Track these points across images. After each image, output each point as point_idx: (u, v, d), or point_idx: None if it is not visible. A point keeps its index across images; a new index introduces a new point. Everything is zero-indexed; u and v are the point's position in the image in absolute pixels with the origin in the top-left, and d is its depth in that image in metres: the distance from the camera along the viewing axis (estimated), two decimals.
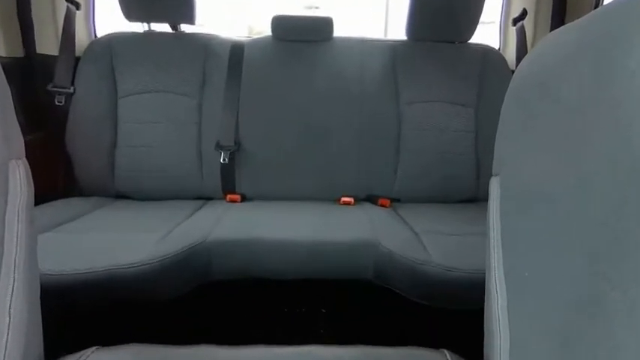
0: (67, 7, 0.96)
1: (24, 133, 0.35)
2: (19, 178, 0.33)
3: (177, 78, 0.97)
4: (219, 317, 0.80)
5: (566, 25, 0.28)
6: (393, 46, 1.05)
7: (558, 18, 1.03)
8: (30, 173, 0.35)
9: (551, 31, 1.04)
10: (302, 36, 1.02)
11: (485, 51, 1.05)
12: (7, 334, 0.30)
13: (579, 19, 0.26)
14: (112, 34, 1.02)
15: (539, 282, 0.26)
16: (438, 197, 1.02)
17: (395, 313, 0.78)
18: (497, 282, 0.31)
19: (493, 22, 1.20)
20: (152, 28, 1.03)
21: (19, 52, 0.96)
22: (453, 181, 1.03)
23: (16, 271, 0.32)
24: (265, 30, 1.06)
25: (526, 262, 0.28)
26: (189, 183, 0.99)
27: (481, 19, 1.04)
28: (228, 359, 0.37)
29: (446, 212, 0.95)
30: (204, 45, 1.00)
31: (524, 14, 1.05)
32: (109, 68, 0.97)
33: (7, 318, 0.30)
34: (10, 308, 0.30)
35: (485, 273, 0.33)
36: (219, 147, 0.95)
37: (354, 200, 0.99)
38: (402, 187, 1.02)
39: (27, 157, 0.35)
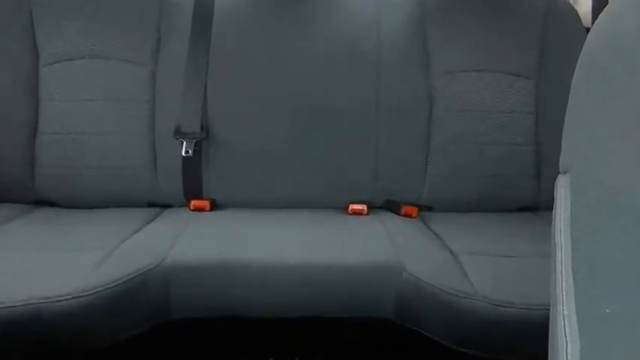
0: None
1: None
2: None
3: (121, 39, 0.82)
4: None
5: None
6: None
7: None
8: None
9: None
10: None
11: (549, 2, 0.88)
12: None
13: None
14: None
15: (627, 322, 0.21)
16: (483, 204, 0.87)
17: (411, 344, 0.69)
18: (565, 322, 0.24)
19: None
20: None
21: None
22: (504, 181, 0.87)
23: None
24: None
25: (608, 294, 0.23)
26: (139, 184, 0.83)
27: None
28: None
29: (495, 225, 0.81)
30: None
31: None
32: (27, 25, 0.80)
33: None
34: None
35: (549, 309, 0.26)
36: (179, 134, 0.78)
37: (368, 208, 0.83)
38: (433, 190, 0.86)
39: None
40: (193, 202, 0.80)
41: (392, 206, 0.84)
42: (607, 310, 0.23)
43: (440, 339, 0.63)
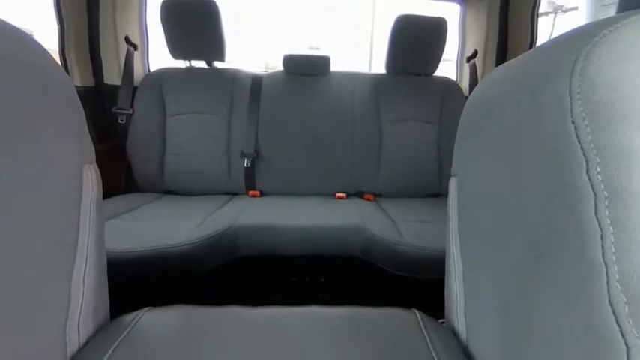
0: (127, 48, 1.14)
1: (94, 144, 0.38)
2: (91, 179, 0.35)
3: (211, 102, 1.13)
4: (244, 285, 0.88)
5: (507, 62, 0.31)
6: (376, 78, 1.22)
7: (501, 56, 1.20)
8: (99, 175, 0.38)
9: (496, 66, 1.16)
10: (307, 70, 1.19)
11: (446, 82, 1.22)
12: (82, 297, 0.34)
13: (517, 58, 0.29)
14: (161, 69, 1.19)
15: (487, 260, 0.28)
16: (410, 193, 1.17)
17: (377, 281, 0.84)
18: (454, 259, 0.34)
19: (452, 60, 1.39)
20: (192, 64, 1.20)
21: (91, 82, 1.13)
22: (421, 180, 1.18)
23: (88, 250, 0.35)
24: (278, 65, 1.23)
25: (477, 244, 0.30)
26: (220, 182, 1.13)
27: (443, 57, 1.22)
28: (249, 316, 0.39)
29: (416, 204, 1.08)
30: (231, 77, 1.17)
31: (475, 54, 1.24)
32: (159, 95, 1.13)
33: (82, 285, 0.34)
34: (84, 278, 0.34)
35: (445, 251, 0.36)
36: (243, 155, 1.10)
37: (346, 195, 1.13)
38: (383, 185, 1.17)
39: (97, 162, 0.38)
40: (250, 192, 1.10)
41: (360, 194, 1.15)
42: (478, 254, 0.30)
43: (386, 267, 0.79)
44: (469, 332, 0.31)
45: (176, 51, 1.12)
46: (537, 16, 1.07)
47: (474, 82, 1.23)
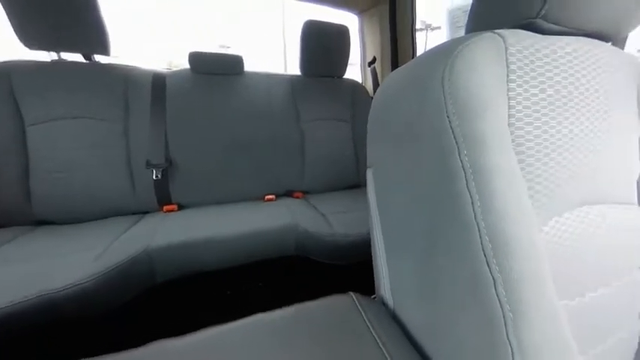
0: None
1: None
2: None
3: (96, 105, 0.93)
4: (171, 313, 0.78)
5: (399, 68, 0.34)
6: (291, 79, 1.24)
7: (395, 63, 1.38)
8: None
9: (391, 71, 1.34)
10: (218, 70, 1.10)
11: (354, 83, 1.33)
12: None
13: (405, 65, 0.33)
14: (8, 62, 0.89)
15: (402, 236, 0.32)
16: (333, 187, 1.23)
17: (314, 274, 0.85)
18: (378, 240, 0.36)
19: (356, 64, 1.52)
20: (62, 58, 0.95)
21: None
22: (342, 174, 1.25)
23: None
24: (183, 65, 1.10)
25: (394, 224, 0.34)
26: (123, 201, 0.95)
27: (350, 62, 1.32)
28: (180, 347, 0.35)
29: (340, 197, 1.14)
30: (124, 75, 0.98)
31: (374, 60, 1.39)
32: (9, 97, 0.86)
33: None
34: None
35: (370, 235, 0.38)
36: (150, 165, 0.95)
37: (276, 196, 1.11)
38: (309, 182, 1.19)
39: None
40: (165, 207, 0.97)
41: (289, 194, 1.14)
42: (395, 233, 0.33)
43: (321, 259, 0.81)
44: (395, 299, 0.35)
45: (30, 39, 0.86)
46: (415, 32, 1.29)
47: (376, 84, 1.38)
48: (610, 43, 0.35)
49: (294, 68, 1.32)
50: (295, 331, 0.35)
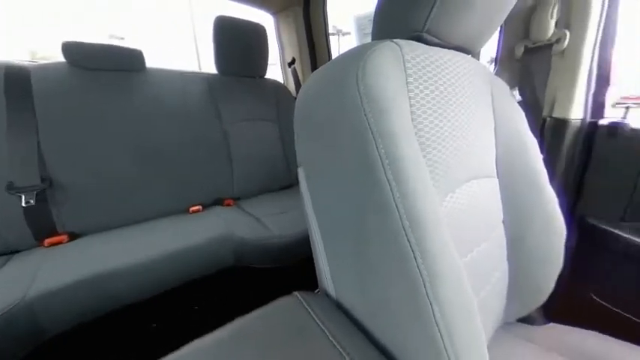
0: None
1: None
2: None
3: None
4: None
5: (318, 69, 0.36)
6: (209, 79, 1.14)
7: (314, 64, 1.44)
8: None
9: (312, 72, 1.36)
10: (107, 65, 0.92)
11: (276, 84, 1.32)
12: None
13: (323, 66, 0.35)
14: None
15: (337, 226, 0.34)
16: (266, 189, 1.20)
17: (258, 282, 0.83)
18: (316, 235, 0.37)
19: (276, 64, 1.51)
20: None
21: None
22: (274, 175, 1.23)
23: None
24: (52, 56, 0.89)
25: (328, 217, 0.35)
26: None
27: (271, 62, 1.30)
28: None
29: (275, 198, 1.12)
30: None
31: (294, 60, 1.42)
32: None
33: None
34: None
35: (309, 231, 0.39)
36: (13, 189, 0.72)
37: (203, 207, 1.02)
38: (240, 187, 1.13)
39: None
40: (47, 240, 0.76)
41: (219, 202, 1.07)
42: (330, 222, 0.35)
43: (263, 265, 0.79)
44: (337, 288, 0.37)
45: None
46: (329, 35, 1.38)
47: (298, 84, 1.41)
48: (470, 55, 0.45)
49: (209, 67, 1.23)
50: (243, 346, 0.33)
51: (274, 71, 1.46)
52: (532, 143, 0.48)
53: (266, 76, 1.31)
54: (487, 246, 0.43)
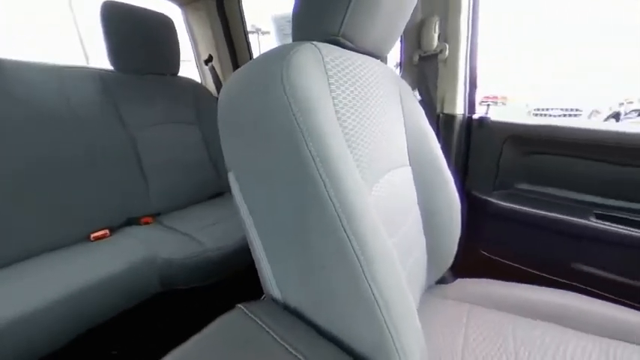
0: None
1: None
2: None
3: None
4: None
5: (240, 68, 0.35)
6: (102, 75, 0.96)
7: (235, 62, 1.36)
8: None
9: (234, 69, 1.33)
10: None
11: (192, 83, 1.20)
12: None
13: (246, 65, 0.34)
14: None
15: (275, 224, 0.33)
16: (194, 200, 1.09)
17: (195, 303, 0.77)
18: (255, 240, 0.36)
19: (189, 61, 1.38)
20: None
21: None
22: (201, 184, 1.12)
23: None
24: None
25: (264, 218, 0.34)
26: None
27: (183, 58, 1.16)
28: None
29: (205, 209, 1.03)
30: None
31: (211, 58, 1.31)
32: None
33: None
34: None
35: (247, 237, 0.37)
36: None
37: (111, 230, 0.85)
38: (158, 201, 0.99)
39: None
40: None
41: (133, 221, 0.91)
42: (267, 222, 0.34)
43: (198, 283, 0.73)
44: (282, 290, 0.37)
45: None
46: (247, 33, 1.33)
47: (218, 83, 1.32)
48: (379, 60, 0.51)
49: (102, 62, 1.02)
50: None
51: (190, 69, 1.34)
52: (432, 135, 0.58)
53: (180, 74, 1.17)
54: (408, 226, 0.50)
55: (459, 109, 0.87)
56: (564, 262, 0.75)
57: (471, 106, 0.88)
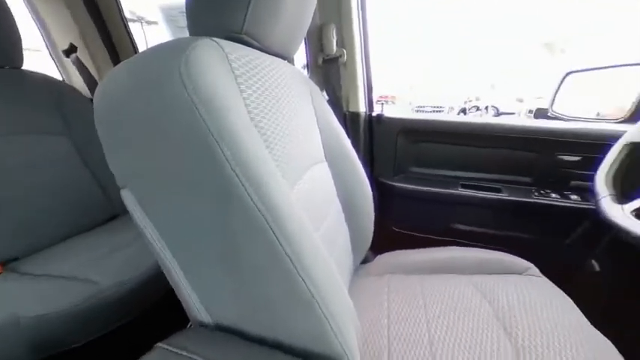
0: None
1: None
2: None
3: None
4: None
5: (124, 62, 0.30)
6: None
7: (115, 57, 1.12)
8: None
9: (114, 64, 1.10)
10: None
11: (51, 81, 0.92)
12: None
13: (132, 59, 0.29)
14: None
15: (192, 238, 0.30)
16: (74, 231, 0.85)
17: None
18: (169, 261, 0.32)
19: (39, 51, 1.05)
20: None
21: None
22: (83, 209, 0.88)
23: None
24: None
25: (178, 233, 0.31)
26: None
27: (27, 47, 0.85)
28: None
29: (94, 238, 0.82)
30: None
31: (74, 48, 1.03)
32: None
33: None
34: None
35: (159, 262, 0.33)
36: None
37: None
38: (14, 241, 0.74)
39: None
40: None
41: None
42: (182, 238, 0.30)
43: (90, 337, 0.61)
44: (211, 312, 0.33)
45: None
46: (127, 21, 1.12)
47: (91, 80, 1.06)
48: (286, 61, 0.51)
49: None
50: None
51: (41, 62, 1.01)
52: (342, 131, 0.63)
53: (25, 68, 0.86)
54: (331, 217, 0.54)
55: (362, 108, 0.98)
56: (447, 224, 0.97)
57: (370, 104, 1.02)
